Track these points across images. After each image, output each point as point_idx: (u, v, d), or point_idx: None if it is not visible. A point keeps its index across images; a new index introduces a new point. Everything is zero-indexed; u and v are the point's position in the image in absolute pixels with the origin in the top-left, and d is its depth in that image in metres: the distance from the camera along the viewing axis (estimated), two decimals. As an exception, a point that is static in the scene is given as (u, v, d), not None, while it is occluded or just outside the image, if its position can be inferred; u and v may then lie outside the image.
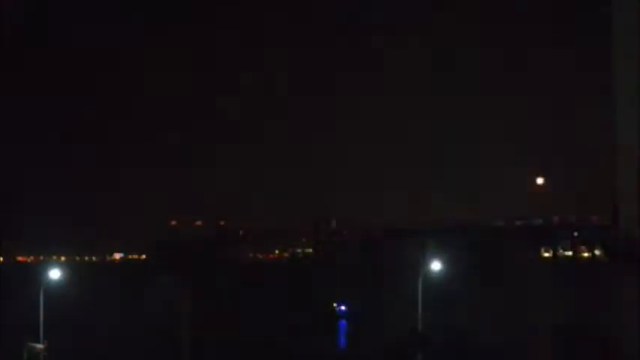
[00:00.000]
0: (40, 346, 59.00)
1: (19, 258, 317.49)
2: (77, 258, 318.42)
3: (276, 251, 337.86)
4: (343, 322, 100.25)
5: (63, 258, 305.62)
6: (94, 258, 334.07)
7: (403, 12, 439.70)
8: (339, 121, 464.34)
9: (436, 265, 71.34)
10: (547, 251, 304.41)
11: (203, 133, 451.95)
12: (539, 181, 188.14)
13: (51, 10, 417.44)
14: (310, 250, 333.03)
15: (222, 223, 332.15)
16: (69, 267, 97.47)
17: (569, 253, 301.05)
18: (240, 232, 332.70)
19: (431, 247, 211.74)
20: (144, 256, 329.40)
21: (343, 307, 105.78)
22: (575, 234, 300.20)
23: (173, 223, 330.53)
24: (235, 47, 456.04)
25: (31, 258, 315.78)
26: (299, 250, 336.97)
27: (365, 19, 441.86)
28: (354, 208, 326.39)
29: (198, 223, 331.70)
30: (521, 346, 68.76)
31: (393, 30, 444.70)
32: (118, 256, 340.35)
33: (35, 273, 73.92)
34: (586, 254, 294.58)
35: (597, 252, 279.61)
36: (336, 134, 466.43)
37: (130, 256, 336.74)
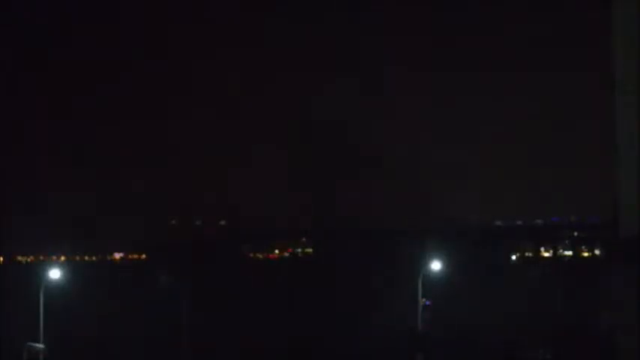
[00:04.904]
0: (40, 346, 58.92)
1: (19, 258, 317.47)
2: (77, 258, 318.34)
3: (276, 251, 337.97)
4: None
5: (63, 258, 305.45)
6: (94, 258, 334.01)
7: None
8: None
9: (436, 265, 71.32)
10: (547, 251, 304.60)
11: (204, 132, 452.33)
12: None
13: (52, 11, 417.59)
14: (310, 250, 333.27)
15: (222, 223, 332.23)
16: (69, 267, 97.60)
17: (569, 253, 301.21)
18: (240, 232, 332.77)
19: (431, 247, 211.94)
20: (144, 256, 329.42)
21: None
22: (575, 234, 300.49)
23: (173, 223, 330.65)
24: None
25: (31, 258, 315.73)
26: (299, 250, 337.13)
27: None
28: (354, 208, 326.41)
29: (198, 223, 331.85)
30: (521, 346, 68.77)
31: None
32: (118, 256, 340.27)
33: (35, 273, 73.90)
34: (586, 254, 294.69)
35: (597, 252, 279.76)
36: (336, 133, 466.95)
37: (130, 256, 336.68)
